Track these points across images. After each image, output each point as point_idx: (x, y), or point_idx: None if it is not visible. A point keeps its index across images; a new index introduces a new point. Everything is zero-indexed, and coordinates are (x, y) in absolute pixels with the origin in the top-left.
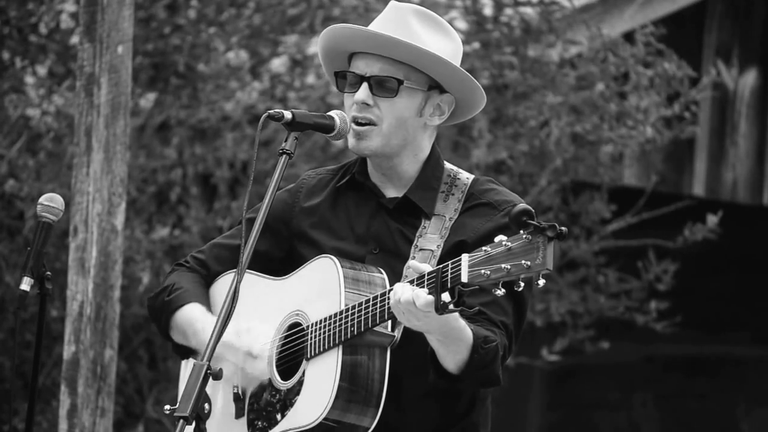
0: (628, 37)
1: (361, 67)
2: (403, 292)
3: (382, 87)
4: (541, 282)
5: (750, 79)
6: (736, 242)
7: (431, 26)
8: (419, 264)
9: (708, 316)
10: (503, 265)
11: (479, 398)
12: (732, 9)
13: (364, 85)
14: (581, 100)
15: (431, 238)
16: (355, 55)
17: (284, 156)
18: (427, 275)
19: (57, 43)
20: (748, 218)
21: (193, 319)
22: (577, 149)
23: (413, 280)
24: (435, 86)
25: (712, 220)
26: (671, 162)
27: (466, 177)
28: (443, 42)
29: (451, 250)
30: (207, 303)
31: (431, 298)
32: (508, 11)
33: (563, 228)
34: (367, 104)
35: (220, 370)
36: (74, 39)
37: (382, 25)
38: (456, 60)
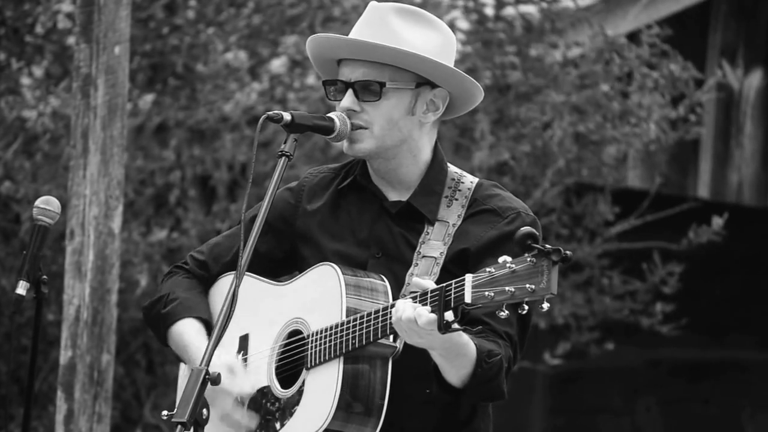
0: (632, 37)
1: (345, 73)
2: (404, 309)
3: (366, 91)
4: (546, 305)
5: (755, 79)
6: (741, 244)
7: (414, 22)
8: (422, 281)
9: (713, 319)
10: (507, 288)
11: (481, 405)
12: (737, 9)
13: (349, 91)
14: (584, 99)
15: (434, 244)
16: (341, 61)
17: (283, 158)
18: (430, 293)
19: (53, 44)
20: (754, 220)
21: (187, 344)
22: (580, 149)
23: (416, 296)
24: (425, 82)
25: (717, 222)
26: (676, 164)
27: (470, 181)
28: (428, 36)
29: (454, 258)
30: (204, 312)
31: (434, 316)
32: (510, 10)
33: (568, 252)
34: (354, 110)
35: (219, 375)
36: (71, 39)
37: (361, 28)
38: (444, 53)
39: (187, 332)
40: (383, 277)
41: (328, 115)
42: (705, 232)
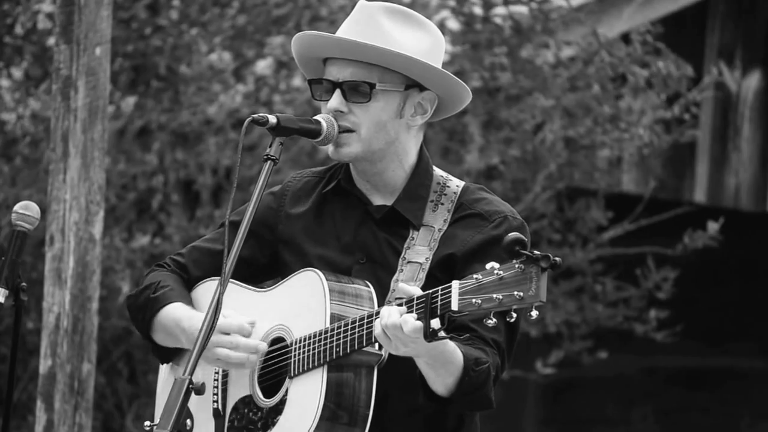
0: (627, 38)
1: (333, 72)
2: (390, 315)
3: (355, 92)
4: (534, 313)
5: (753, 81)
6: (739, 250)
7: (403, 22)
8: (408, 287)
9: (710, 326)
10: (494, 295)
11: (467, 415)
12: (735, 8)
13: (337, 92)
14: (574, 102)
15: (420, 250)
16: (328, 60)
17: (269, 162)
18: (416, 300)
19: (33, 45)
20: (752, 225)
21: (182, 316)
22: (570, 154)
23: (401, 303)
24: (413, 84)
25: (713, 226)
26: (671, 167)
27: (456, 185)
28: (417, 37)
29: (440, 263)
30: (191, 305)
31: (420, 324)
32: (500, 10)
33: (557, 258)
34: (342, 111)
35: (203, 384)
36: (51, 40)
37: (350, 27)
38: (433, 54)
39: (182, 307)
40: (368, 283)
41: (315, 117)
42: (700, 236)
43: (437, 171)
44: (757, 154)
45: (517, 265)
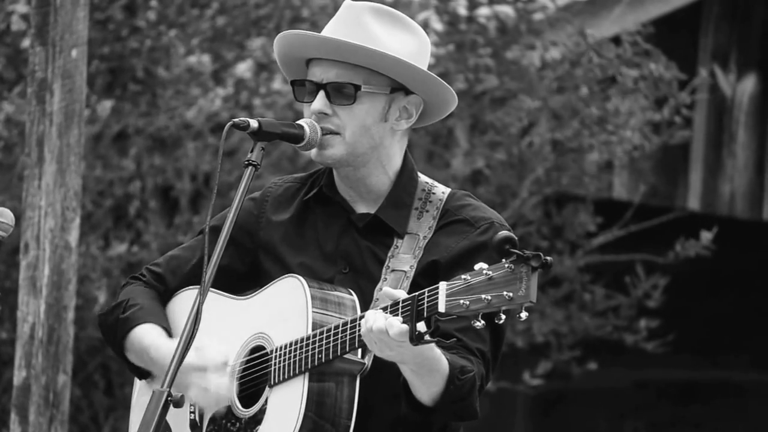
0: (617, 40)
1: (317, 73)
2: (375, 320)
3: (339, 94)
4: (524, 315)
5: (748, 84)
6: (733, 259)
7: (390, 23)
8: (393, 290)
9: (704, 338)
10: (483, 296)
11: (451, 428)
12: (729, 10)
13: (321, 93)
14: (560, 104)
15: (404, 258)
16: (312, 61)
17: (250, 167)
18: (402, 303)
19: (7, 47)
20: (747, 234)
21: (149, 345)
22: (557, 157)
23: (386, 307)
24: (399, 88)
25: (706, 236)
26: (664, 173)
27: (441, 192)
28: (404, 39)
29: (424, 271)
30: (164, 322)
31: (405, 327)
32: (484, 11)
33: (548, 258)
34: (325, 113)
35: (182, 396)
36: (26, 42)
37: (335, 27)
38: (420, 57)
39: (150, 334)
40: (351, 291)
41: (298, 122)
42: (693, 245)
43: (422, 178)
44: (752, 160)
45: (506, 265)
